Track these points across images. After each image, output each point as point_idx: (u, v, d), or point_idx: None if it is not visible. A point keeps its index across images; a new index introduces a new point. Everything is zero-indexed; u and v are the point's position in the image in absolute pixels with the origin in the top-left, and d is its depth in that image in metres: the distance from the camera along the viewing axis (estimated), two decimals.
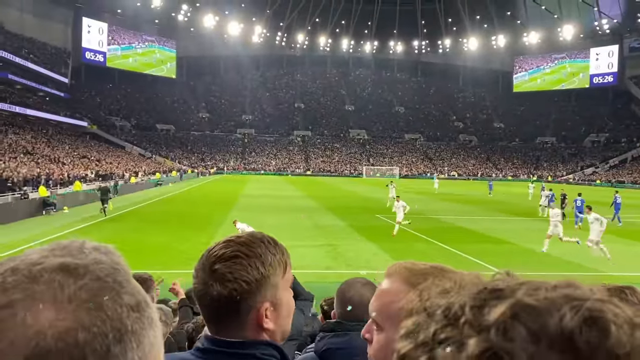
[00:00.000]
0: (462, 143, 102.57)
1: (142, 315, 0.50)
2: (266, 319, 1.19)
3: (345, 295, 2.07)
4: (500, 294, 0.44)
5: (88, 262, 0.50)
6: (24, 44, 67.14)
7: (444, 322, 0.45)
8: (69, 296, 0.46)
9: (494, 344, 0.41)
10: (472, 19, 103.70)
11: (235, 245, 1.21)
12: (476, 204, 34.43)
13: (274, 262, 1.22)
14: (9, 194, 25.20)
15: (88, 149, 58.50)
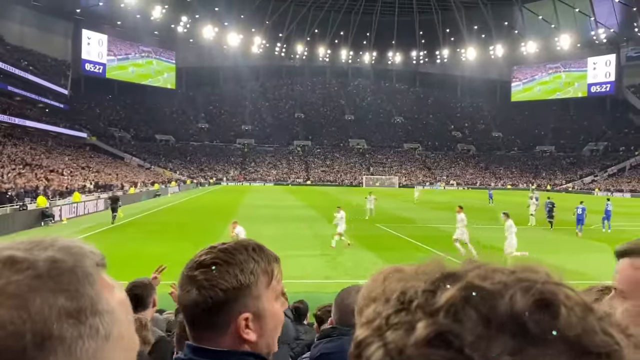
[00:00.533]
0: (460, 152, 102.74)
1: (80, 323, 0.46)
2: (247, 329, 1.14)
3: (344, 301, 2.10)
4: (454, 278, 0.44)
5: (39, 259, 0.48)
6: (24, 56, 67.39)
7: (398, 307, 0.45)
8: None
9: (442, 327, 0.41)
10: (469, 29, 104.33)
11: (216, 252, 1.17)
12: (476, 213, 34.33)
13: (256, 270, 1.16)
14: (7, 206, 25.15)
15: (87, 160, 58.50)
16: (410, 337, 0.41)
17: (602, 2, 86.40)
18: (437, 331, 0.41)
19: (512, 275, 0.43)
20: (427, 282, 0.44)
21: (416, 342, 0.41)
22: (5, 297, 0.43)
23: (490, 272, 0.44)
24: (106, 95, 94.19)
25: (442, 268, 0.46)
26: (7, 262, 0.46)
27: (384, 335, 0.43)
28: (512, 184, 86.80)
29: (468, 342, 0.40)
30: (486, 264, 0.46)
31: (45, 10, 77.17)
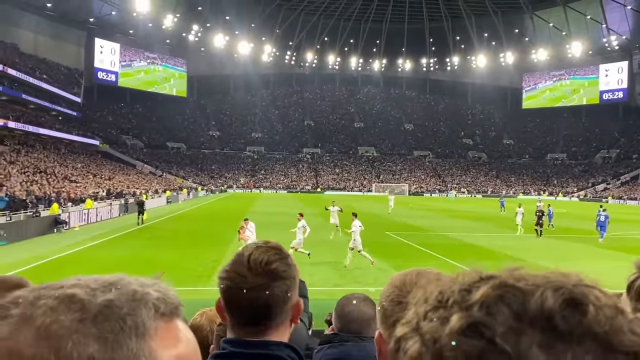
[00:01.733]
0: (471, 160, 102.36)
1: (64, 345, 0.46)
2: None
3: (344, 309, 2.11)
4: (490, 279, 0.48)
5: (95, 302, 0.49)
6: (38, 65, 68.33)
7: (435, 304, 0.49)
8: (43, 324, 0.46)
9: (475, 318, 0.44)
10: (480, 36, 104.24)
11: (273, 249, 1.31)
12: (488, 221, 34.24)
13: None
14: (21, 212, 25.45)
15: (100, 167, 59.05)
16: (445, 327, 0.45)
17: (613, 9, 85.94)
18: (470, 322, 0.44)
19: (545, 278, 0.46)
20: (463, 283, 0.49)
21: (450, 332, 0.45)
22: (45, 336, 0.45)
23: (523, 274, 0.47)
24: (118, 103, 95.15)
25: (480, 272, 0.50)
26: (65, 300, 0.48)
27: (421, 326, 0.48)
28: (523, 191, 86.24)
29: (499, 333, 0.43)
30: (521, 268, 0.49)
31: (59, 20, 78.30)
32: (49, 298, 0.47)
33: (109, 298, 0.49)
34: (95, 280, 0.51)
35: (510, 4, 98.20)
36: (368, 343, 2.00)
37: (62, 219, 26.18)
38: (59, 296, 0.48)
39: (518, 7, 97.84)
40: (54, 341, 0.45)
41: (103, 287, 0.50)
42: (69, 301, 0.48)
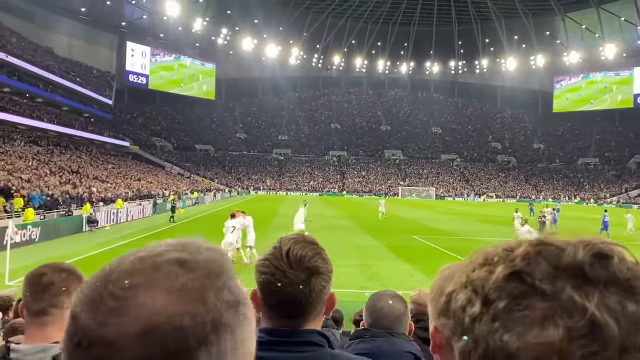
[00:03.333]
0: (500, 164, 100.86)
1: (237, 312, 0.59)
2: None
3: (376, 305, 2.15)
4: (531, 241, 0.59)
5: (201, 259, 0.59)
6: (72, 68, 70.07)
7: (482, 262, 0.61)
8: (180, 286, 0.56)
9: (517, 267, 0.56)
10: (509, 39, 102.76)
11: (310, 245, 1.40)
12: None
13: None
14: (54, 211, 26.11)
15: (130, 168, 60.16)
16: (492, 276, 0.57)
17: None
18: (513, 270, 0.56)
19: (577, 238, 0.57)
20: (508, 245, 0.60)
21: (496, 279, 0.56)
22: (189, 292, 0.55)
23: (558, 236, 0.58)
24: (148, 105, 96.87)
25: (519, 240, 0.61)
26: (179, 263, 0.57)
27: (470, 278, 0.59)
28: (554, 197, 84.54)
29: (538, 278, 0.54)
30: (556, 233, 0.60)
31: (92, 24, 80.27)
32: (166, 263, 0.57)
33: (207, 255, 0.61)
34: (169, 243, 0.62)
35: (541, 5, 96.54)
36: (398, 339, 2.04)
37: (94, 218, 26.77)
38: (173, 259, 0.58)
39: (549, 8, 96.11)
40: (201, 294, 0.56)
41: (188, 247, 0.61)
42: (181, 263, 0.58)
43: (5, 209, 23.54)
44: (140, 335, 0.52)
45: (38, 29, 68.62)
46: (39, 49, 64.28)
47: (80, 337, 0.53)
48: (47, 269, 1.73)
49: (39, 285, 1.69)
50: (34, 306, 1.68)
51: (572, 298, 0.52)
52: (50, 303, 1.67)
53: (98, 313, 0.54)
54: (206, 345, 0.54)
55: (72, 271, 1.77)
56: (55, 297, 1.68)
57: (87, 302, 0.55)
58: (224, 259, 0.62)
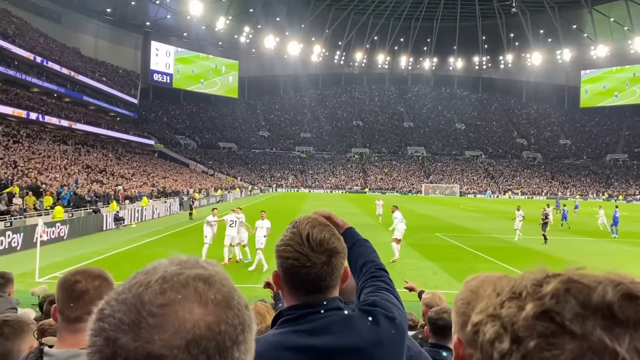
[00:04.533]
0: (525, 160, 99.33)
1: (251, 313, 0.68)
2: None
3: (352, 280, 2.34)
4: (558, 276, 0.59)
5: (213, 273, 0.67)
6: (98, 68, 71.32)
7: (510, 295, 0.61)
8: (210, 298, 0.64)
9: (547, 306, 0.56)
10: (535, 33, 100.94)
11: (327, 227, 1.53)
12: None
13: None
14: (82, 209, 26.64)
15: (155, 166, 60.98)
16: (521, 314, 0.57)
17: None
18: (543, 309, 0.56)
19: (605, 276, 0.57)
20: (535, 279, 0.60)
21: (526, 317, 0.57)
22: (219, 302, 0.64)
23: (586, 273, 0.59)
24: (172, 104, 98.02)
25: (547, 271, 0.61)
26: (200, 279, 0.65)
27: (499, 313, 0.60)
28: (581, 193, 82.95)
29: (568, 318, 0.54)
30: (584, 268, 0.60)
31: (118, 24, 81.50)
32: (190, 279, 0.65)
33: (216, 269, 0.70)
34: (176, 261, 0.70)
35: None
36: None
37: (120, 216, 27.22)
38: (194, 276, 0.66)
39: (576, 1, 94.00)
40: (231, 301, 0.66)
41: (194, 264, 0.69)
42: (206, 279, 0.67)
43: (35, 207, 24.10)
44: (186, 347, 0.59)
45: (65, 29, 69.96)
46: (66, 50, 65.54)
47: (124, 357, 0.59)
48: (81, 276, 1.78)
49: (73, 292, 1.74)
50: (69, 313, 1.74)
51: (603, 340, 0.52)
52: (85, 311, 1.71)
53: (141, 332, 0.59)
54: (237, 344, 0.63)
55: (104, 277, 1.83)
56: (90, 305, 1.69)
57: (126, 324, 0.60)
58: (220, 269, 0.70)
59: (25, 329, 2.32)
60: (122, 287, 0.65)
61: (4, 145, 35.52)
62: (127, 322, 0.60)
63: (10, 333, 2.28)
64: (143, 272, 0.67)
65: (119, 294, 0.64)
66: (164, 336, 0.59)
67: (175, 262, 0.68)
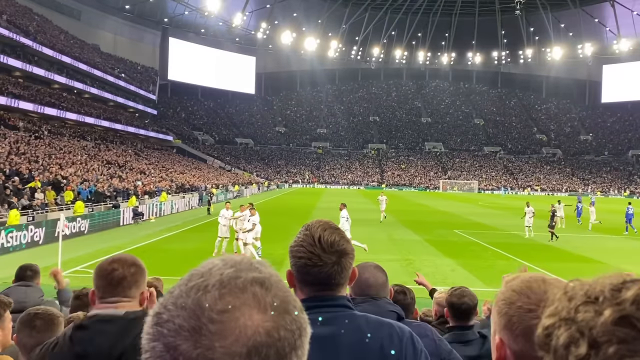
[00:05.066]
0: (545, 156, 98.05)
1: (305, 316, 0.67)
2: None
3: (362, 276, 2.28)
4: (636, 281, 0.59)
5: (268, 276, 0.66)
6: (117, 64, 72.02)
7: (585, 300, 0.60)
8: (268, 303, 0.63)
9: (627, 312, 0.55)
10: (556, 27, 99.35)
11: (337, 230, 1.65)
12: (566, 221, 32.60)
13: None
14: (102, 204, 26.97)
15: (173, 162, 61.50)
16: (599, 319, 0.56)
17: None
18: (622, 314, 0.56)
19: None
20: (612, 283, 0.60)
21: (604, 322, 0.56)
22: (276, 307, 0.63)
23: None
24: (190, 100, 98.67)
25: (624, 275, 0.61)
26: (257, 282, 0.64)
27: (575, 317, 0.59)
28: (602, 190, 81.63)
29: None
30: None
31: (136, 20, 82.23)
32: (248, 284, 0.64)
33: (269, 271, 0.68)
34: (229, 261, 0.68)
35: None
36: (381, 301, 2.27)
37: (140, 211, 27.51)
38: (250, 280, 0.65)
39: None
40: (288, 306, 0.65)
41: (248, 265, 0.68)
42: (261, 282, 0.65)
43: (56, 202, 24.46)
44: (247, 354, 0.58)
45: (85, 26, 70.78)
46: (85, 46, 66.29)
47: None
48: (118, 264, 1.91)
49: (112, 279, 1.87)
50: (109, 297, 1.87)
51: None
52: (124, 295, 1.88)
53: (202, 339, 0.58)
54: (295, 349, 0.62)
55: (138, 264, 1.96)
56: (128, 290, 1.89)
57: (186, 330, 0.59)
58: (274, 271, 0.69)
59: (55, 322, 2.45)
60: (179, 291, 0.64)
61: (26, 141, 36.10)
62: (187, 328, 0.59)
63: (41, 325, 2.40)
64: (198, 274, 0.65)
65: (177, 298, 0.62)
66: (225, 343, 0.58)
67: (230, 264, 0.66)
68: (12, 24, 46.04)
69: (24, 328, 2.39)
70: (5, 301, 2.65)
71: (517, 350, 1.00)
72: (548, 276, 1.08)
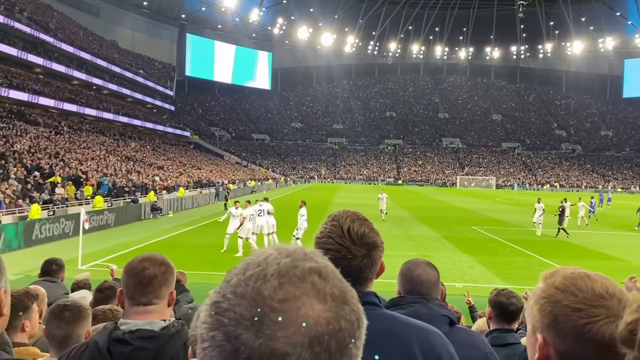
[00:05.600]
0: (564, 152, 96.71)
1: (361, 306, 0.66)
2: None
3: (413, 273, 2.22)
4: None
5: (323, 266, 0.65)
6: (135, 60, 72.63)
7: None
8: (328, 293, 0.61)
9: None
10: (577, 21, 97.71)
11: (366, 222, 1.57)
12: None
13: None
14: (120, 199, 27.28)
15: (190, 157, 61.94)
16: None
17: None
18: None
19: None
20: None
21: None
22: (336, 297, 0.62)
23: None
24: (207, 96, 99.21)
25: None
26: (315, 272, 0.63)
27: None
28: (623, 187, 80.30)
29: None
30: None
31: (154, 16, 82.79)
32: (306, 273, 0.63)
33: (323, 261, 0.66)
34: (285, 251, 0.66)
35: None
36: (433, 303, 2.13)
37: (158, 206, 27.77)
38: (309, 269, 0.63)
39: None
40: (348, 298, 0.64)
41: (302, 255, 0.66)
42: (319, 272, 0.64)
43: (76, 197, 24.80)
44: (309, 344, 0.57)
45: (103, 23, 71.45)
46: (104, 43, 66.95)
47: (248, 354, 0.57)
48: (148, 262, 1.89)
49: (143, 278, 1.86)
50: (140, 297, 1.86)
51: None
52: (155, 295, 1.87)
53: (264, 328, 0.57)
54: (355, 339, 0.61)
55: (167, 263, 1.94)
56: (158, 290, 1.87)
57: (247, 319, 0.58)
58: (328, 261, 0.68)
59: (83, 314, 2.47)
60: (236, 280, 0.62)
61: (46, 136, 36.63)
62: (249, 317, 0.58)
63: (70, 317, 2.43)
64: (254, 263, 0.64)
65: (235, 287, 0.61)
66: (287, 333, 0.57)
67: (285, 253, 0.64)
68: (32, 20, 46.65)
69: (54, 319, 2.42)
70: (33, 293, 2.69)
71: (563, 350, 0.96)
72: (591, 272, 1.03)
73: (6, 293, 1.21)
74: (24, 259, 14.22)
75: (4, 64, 43.29)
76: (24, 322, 2.57)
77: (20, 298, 2.55)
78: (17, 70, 45.00)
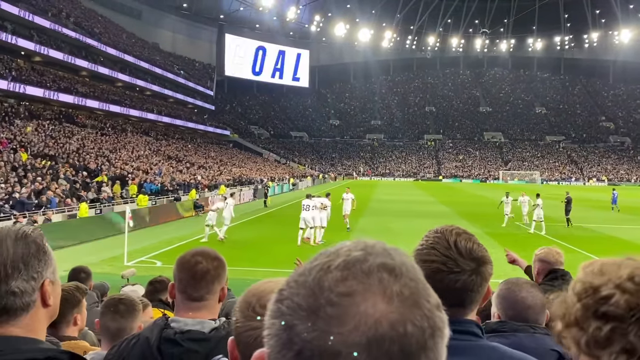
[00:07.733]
0: (612, 145, 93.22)
1: (443, 315, 0.58)
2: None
3: (517, 295, 2.00)
4: None
5: (400, 264, 0.58)
6: (176, 62, 74.17)
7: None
8: (395, 292, 0.55)
9: None
10: (624, 8, 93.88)
11: (473, 237, 1.40)
12: (630, 212, 30.98)
13: None
14: (164, 197, 27.96)
15: (230, 155, 62.87)
16: None
17: None
18: None
19: None
20: None
21: None
22: (405, 298, 0.55)
23: None
24: (246, 95, 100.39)
25: None
26: (386, 269, 0.57)
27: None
28: None
29: None
30: None
31: (193, 18, 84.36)
32: (374, 269, 0.57)
33: (404, 259, 0.60)
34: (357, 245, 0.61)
35: None
36: (541, 334, 1.89)
37: (200, 204, 28.32)
38: (378, 265, 0.57)
39: None
40: (417, 301, 0.56)
41: (380, 250, 0.60)
42: (390, 270, 0.57)
43: (121, 195, 25.57)
44: (367, 345, 0.52)
45: (145, 25, 73.29)
46: (146, 45, 68.64)
47: (300, 346, 0.53)
48: (201, 257, 1.88)
49: (196, 273, 1.85)
50: (192, 292, 1.85)
51: None
52: (207, 290, 1.85)
53: (319, 321, 0.53)
54: (425, 350, 0.54)
55: (220, 258, 1.94)
56: (211, 284, 1.85)
57: (304, 310, 0.54)
58: (410, 260, 0.61)
59: (137, 309, 2.57)
60: (304, 268, 0.59)
61: (92, 137, 37.88)
62: (305, 307, 0.55)
63: (124, 311, 2.52)
64: (325, 254, 0.60)
65: (300, 275, 0.58)
66: (342, 330, 0.52)
67: (360, 247, 0.60)
68: (78, 25, 48.23)
69: (108, 312, 2.52)
70: (83, 287, 2.80)
71: None
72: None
73: (53, 284, 1.16)
74: (69, 255, 14.74)
75: (53, 68, 44.98)
76: (76, 315, 2.66)
77: (73, 292, 2.66)
78: (64, 74, 46.67)
